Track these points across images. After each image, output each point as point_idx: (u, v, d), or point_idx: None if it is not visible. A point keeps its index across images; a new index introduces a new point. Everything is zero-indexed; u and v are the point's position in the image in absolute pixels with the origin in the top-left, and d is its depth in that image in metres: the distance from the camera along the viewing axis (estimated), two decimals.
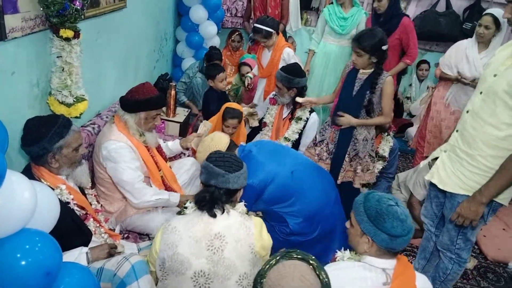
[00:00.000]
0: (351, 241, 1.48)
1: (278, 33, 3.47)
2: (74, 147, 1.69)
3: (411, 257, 2.80)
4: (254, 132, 3.29)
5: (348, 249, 1.49)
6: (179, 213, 1.65)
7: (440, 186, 1.95)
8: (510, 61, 1.70)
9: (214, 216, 1.50)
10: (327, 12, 3.91)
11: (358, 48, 2.40)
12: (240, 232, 1.51)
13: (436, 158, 2.04)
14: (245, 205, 1.66)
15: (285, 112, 3.03)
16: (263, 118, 3.13)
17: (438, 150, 2.09)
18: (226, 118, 2.77)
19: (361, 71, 2.50)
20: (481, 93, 1.79)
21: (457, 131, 1.92)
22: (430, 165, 2.12)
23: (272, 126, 3.03)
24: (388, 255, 1.38)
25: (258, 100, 3.66)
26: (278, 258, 1.17)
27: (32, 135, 1.61)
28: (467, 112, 1.86)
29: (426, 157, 2.47)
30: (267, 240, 1.59)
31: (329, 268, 1.39)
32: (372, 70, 2.45)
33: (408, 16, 3.60)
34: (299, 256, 1.17)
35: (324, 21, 3.96)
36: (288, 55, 3.45)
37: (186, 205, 1.62)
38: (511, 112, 1.66)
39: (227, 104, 2.86)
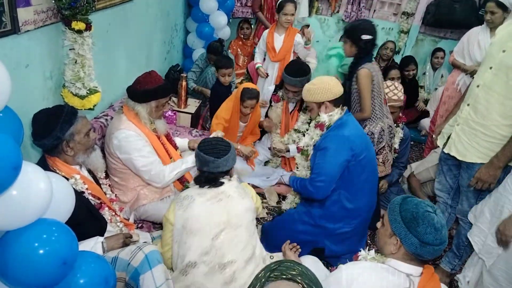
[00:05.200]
0: (378, 241, 1.45)
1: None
2: (85, 132, 1.73)
3: None
4: (262, 131, 3.27)
5: (373, 249, 1.46)
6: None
7: (459, 158, 2.08)
8: None
9: (217, 186, 1.73)
10: None
11: (342, 35, 2.56)
12: (240, 191, 1.76)
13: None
14: None
15: (291, 106, 3.01)
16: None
17: (448, 126, 2.22)
18: (244, 99, 2.78)
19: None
20: (490, 68, 1.91)
21: (468, 105, 2.03)
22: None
23: (280, 123, 3.02)
24: (414, 261, 1.34)
25: (270, 82, 3.64)
26: (263, 281, 1.03)
27: (42, 128, 1.63)
28: (478, 86, 1.97)
29: (436, 146, 2.49)
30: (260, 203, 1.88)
31: (349, 266, 1.36)
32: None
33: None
34: (284, 276, 1.03)
35: None
36: (300, 39, 3.51)
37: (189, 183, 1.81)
38: None
39: (244, 84, 2.88)
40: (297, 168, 2.44)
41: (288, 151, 2.89)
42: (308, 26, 4.80)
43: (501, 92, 1.86)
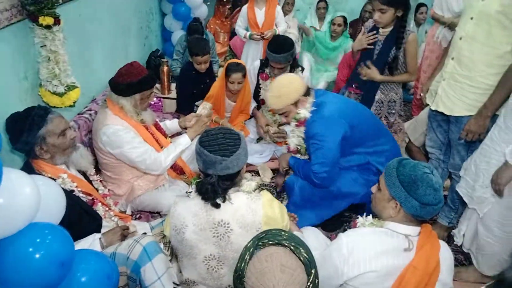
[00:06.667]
0: (375, 206, 1.46)
1: None
2: (59, 133, 1.63)
3: None
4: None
5: (370, 215, 1.47)
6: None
7: (447, 113, 2.10)
8: None
9: (217, 206, 1.39)
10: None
11: (381, 4, 2.33)
12: (246, 218, 1.40)
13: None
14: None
15: None
16: (259, 94, 3.02)
17: (435, 83, 2.22)
18: (229, 74, 2.70)
19: (381, 30, 2.46)
20: (471, 18, 1.91)
21: (452, 58, 2.04)
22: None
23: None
24: (413, 222, 1.36)
25: (255, 58, 3.58)
26: (251, 250, 1.06)
27: (11, 133, 1.59)
28: (460, 38, 1.98)
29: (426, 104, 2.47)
30: (278, 217, 1.45)
31: (349, 234, 1.37)
32: (393, 27, 2.41)
33: None
34: (271, 242, 1.05)
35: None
36: (279, 14, 3.52)
37: (190, 190, 1.49)
38: (506, 30, 1.81)
39: (230, 60, 2.81)
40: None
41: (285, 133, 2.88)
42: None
43: (484, 41, 1.88)
